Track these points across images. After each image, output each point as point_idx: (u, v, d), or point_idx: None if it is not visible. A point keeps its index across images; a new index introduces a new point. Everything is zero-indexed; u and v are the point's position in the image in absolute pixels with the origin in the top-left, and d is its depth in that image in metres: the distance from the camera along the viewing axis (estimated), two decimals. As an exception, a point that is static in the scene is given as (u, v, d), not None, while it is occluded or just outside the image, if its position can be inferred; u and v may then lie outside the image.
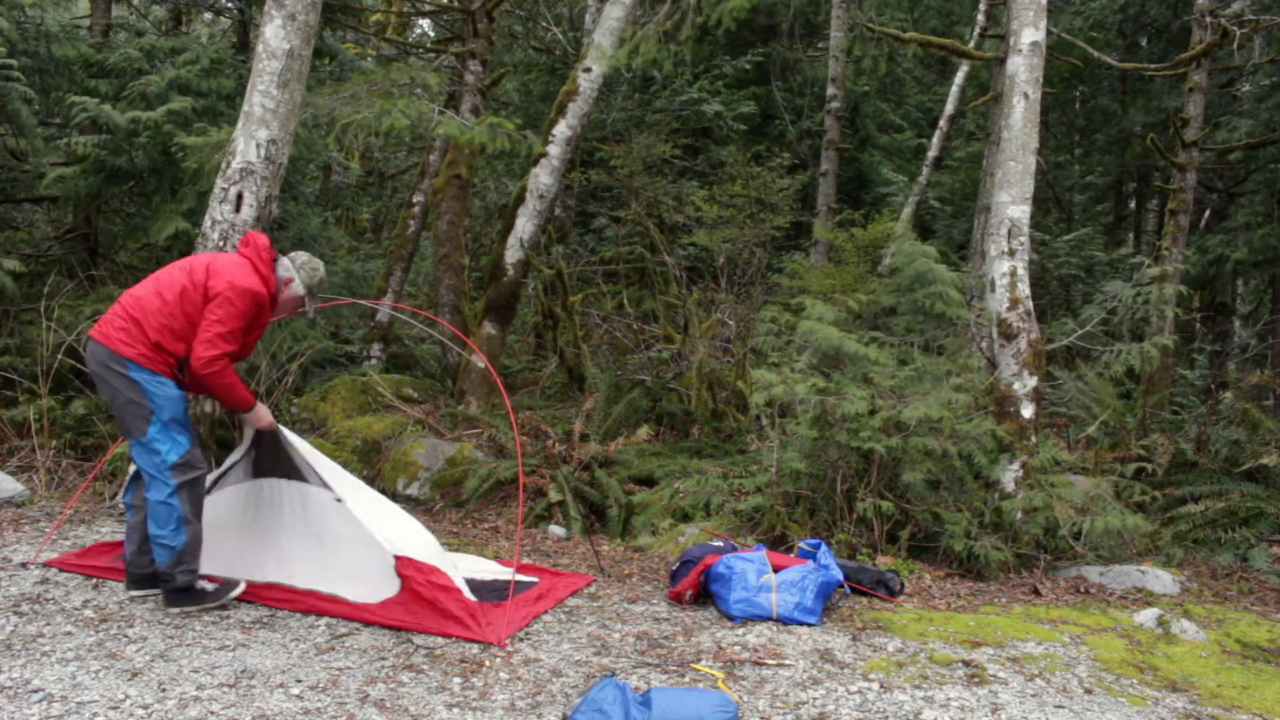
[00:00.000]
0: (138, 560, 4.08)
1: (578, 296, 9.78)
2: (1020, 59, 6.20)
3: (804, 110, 15.09)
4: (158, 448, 3.88)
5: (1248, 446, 6.82)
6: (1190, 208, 10.61)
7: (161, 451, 3.88)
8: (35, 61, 7.63)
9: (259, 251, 4.14)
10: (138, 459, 3.94)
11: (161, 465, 3.88)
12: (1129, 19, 13.22)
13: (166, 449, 3.89)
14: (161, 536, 3.89)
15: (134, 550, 4.08)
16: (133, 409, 3.88)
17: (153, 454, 3.88)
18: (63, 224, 8.28)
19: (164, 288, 3.96)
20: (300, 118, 5.87)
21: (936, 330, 6.71)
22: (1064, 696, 3.61)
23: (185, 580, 3.94)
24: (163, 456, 3.88)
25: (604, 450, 6.90)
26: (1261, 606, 5.20)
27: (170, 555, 3.90)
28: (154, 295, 3.95)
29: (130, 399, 3.87)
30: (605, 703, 3.02)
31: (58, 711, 3.00)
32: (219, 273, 3.97)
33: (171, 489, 3.89)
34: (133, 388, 3.87)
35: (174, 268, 4.06)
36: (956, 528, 5.41)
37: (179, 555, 3.91)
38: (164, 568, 3.92)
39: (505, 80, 12.96)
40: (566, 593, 4.71)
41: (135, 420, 3.88)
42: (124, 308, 3.95)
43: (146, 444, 3.88)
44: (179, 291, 3.94)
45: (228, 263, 4.04)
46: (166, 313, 3.91)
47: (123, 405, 3.88)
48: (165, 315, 3.91)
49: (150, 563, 4.06)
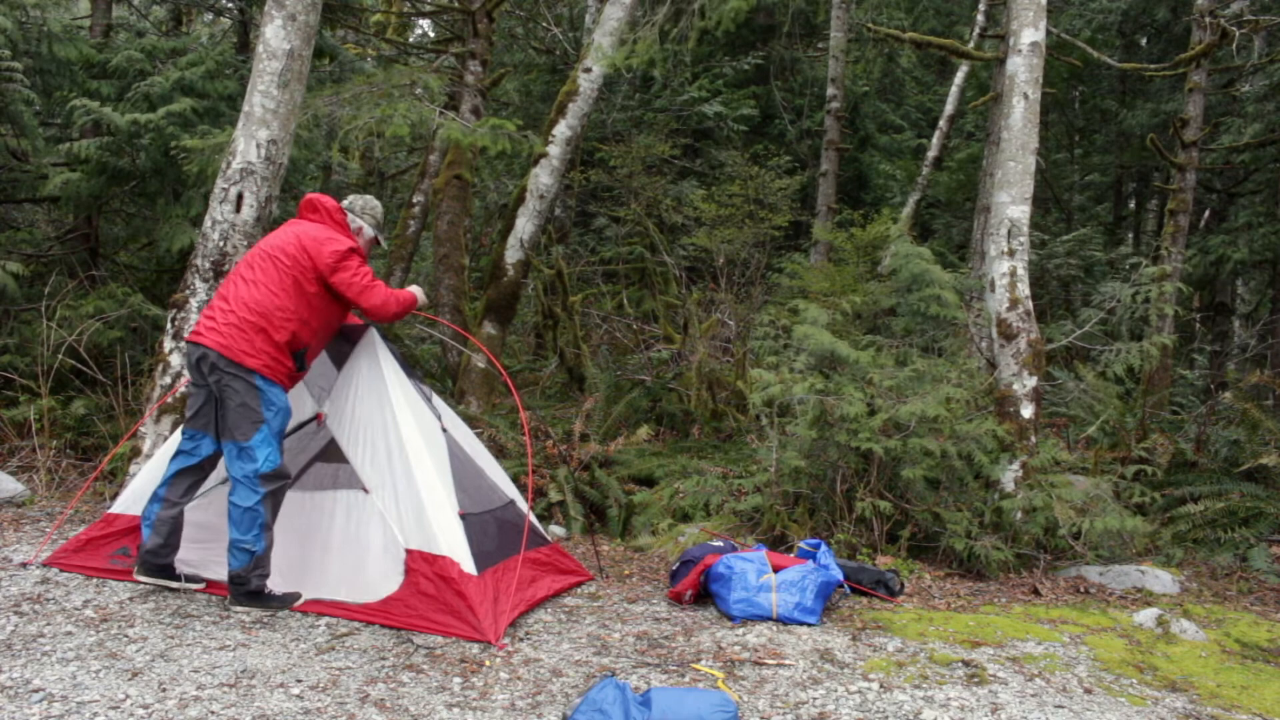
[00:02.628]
0: (159, 551, 4.12)
1: (578, 296, 9.79)
2: (1020, 59, 6.21)
3: (804, 110, 15.10)
4: (256, 455, 3.98)
5: (1247, 446, 6.83)
6: (1190, 208, 10.62)
7: (258, 460, 3.98)
8: (37, 62, 7.64)
9: (332, 214, 4.30)
10: (230, 461, 4.03)
11: (254, 472, 3.98)
12: (1129, 19, 13.22)
13: (263, 458, 3.99)
14: (243, 541, 3.97)
15: (159, 542, 4.10)
16: (246, 412, 3.99)
17: (249, 460, 3.98)
18: (63, 224, 8.29)
19: (275, 286, 4.07)
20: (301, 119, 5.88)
21: (935, 331, 6.71)
22: (1064, 696, 3.61)
23: (258, 585, 4.03)
24: (258, 465, 3.98)
25: (604, 450, 6.90)
26: (1261, 606, 5.21)
27: (249, 560, 3.98)
28: (269, 295, 4.05)
29: (246, 402, 3.99)
30: (605, 703, 3.03)
31: (58, 711, 3.00)
32: (319, 249, 4.11)
33: (260, 496, 3.98)
34: (252, 393, 4.00)
35: (266, 262, 4.12)
36: (956, 527, 5.42)
37: (257, 560, 4.00)
38: (240, 570, 3.99)
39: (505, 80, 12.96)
40: (565, 583, 4.74)
41: (244, 423, 3.98)
42: (238, 314, 4.02)
43: (246, 449, 3.98)
44: (291, 284, 4.07)
45: (316, 234, 4.16)
46: (290, 308, 4.06)
47: (237, 407, 3.98)
48: (290, 312, 4.06)
49: (170, 555, 4.12)
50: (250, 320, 4.01)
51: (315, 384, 4.58)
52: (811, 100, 15.03)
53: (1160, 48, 13.28)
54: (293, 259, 4.10)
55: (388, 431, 4.33)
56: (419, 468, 4.23)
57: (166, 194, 7.32)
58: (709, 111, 13.04)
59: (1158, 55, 12.75)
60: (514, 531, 4.54)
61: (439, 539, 4.07)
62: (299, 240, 4.14)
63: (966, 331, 6.61)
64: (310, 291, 4.12)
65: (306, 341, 4.18)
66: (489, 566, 4.21)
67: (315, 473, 4.75)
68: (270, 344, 4.03)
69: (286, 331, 4.06)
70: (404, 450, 4.26)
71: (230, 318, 4.03)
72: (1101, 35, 12.94)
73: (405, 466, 4.25)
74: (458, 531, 4.13)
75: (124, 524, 4.45)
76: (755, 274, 10.41)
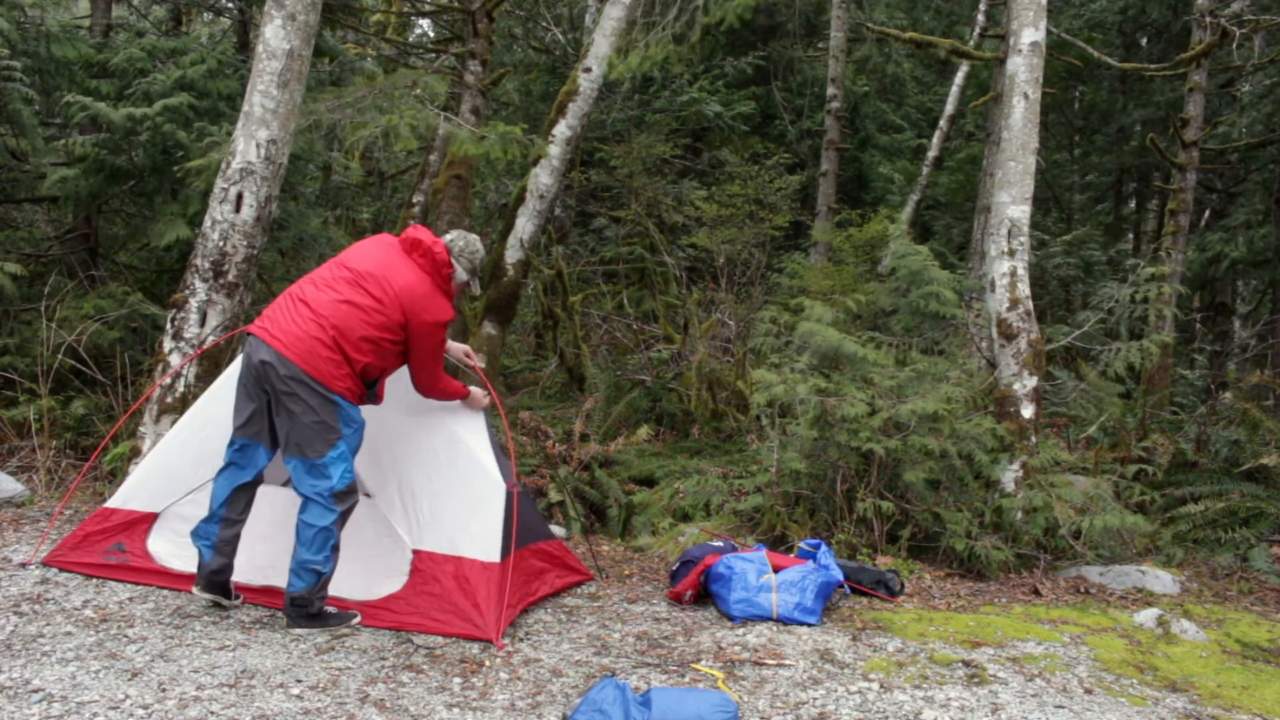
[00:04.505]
0: (222, 569, 3.94)
1: (578, 296, 9.78)
2: (1020, 59, 6.20)
3: (804, 110, 15.09)
4: (330, 473, 3.75)
5: (1248, 446, 6.83)
6: (1190, 207, 10.62)
7: (332, 477, 3.76)
8: (36, 62, 7.63)
9: (439, 267, 3.94)
10: (298, 479, 3.80)
11: (327, 490, 3.75)
12: (1129, 19, 13.22)
13: (338, 476, 3.77)
14: (313, 562, 3.75)
15: (224, 562, 3.92)
16: (320, 429, 3.73)
17: (322, 478, 3.75)
18: (63, 224, 8.28)
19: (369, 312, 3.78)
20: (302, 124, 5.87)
21: (935, 331, 6.71)
22: (1064, 696, 3.61)
23: (320, 607, 3.86)
24: (332, 483, 3.76)
25: (604, 450, 6.90)
26: (1261, 606, 5.20)
27: (316, 580, 3.79)
28: (359, 320, 3.77)
29: (322, 419, 3.73)
30: (605, 703, 3.02)
31: (58, 711, 3.00)
32: (417, 310, 3.82)
33: (335, 516, 3.77)
34: (329, 409, 3.75)
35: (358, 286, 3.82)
36: (957, 528, 5.41)
37: (324, 581, 3.82)
38: (304, 592, 3.79)
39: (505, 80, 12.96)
40: (569, 580, 4.76)
41: (318, 441, 3.73)
42: (325, 331, 3.74)
43: (319, 466, 3.75)
44: (380, 323, 3.80)
45: (417, 290, 3.84)
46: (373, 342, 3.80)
47: (310, 424, 3.72)
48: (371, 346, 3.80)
49: (230, 573, 3.95)
50: (334, 339, 3.74)
51: None
52: (811, 100, 15.02)
53: (1160, 47, 13.29)
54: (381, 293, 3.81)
55: (397, 435, 4.33)
56: (437, 467, 4.25)
57: (164, 192, 7.31)
58: (709, 111, 13.03)
59: (1158, 55, 12.75)
60: (541, 519, 4.57)
61: (457, 540, 4.09)
62: (401, 290, 3.81)
63: (966, 331, 6.61)
64: (383, 326, 3.83)
65: (377, 375, 3.96)
66: (526, 545, 4.29)
67: None
68: (351, 369, 3.79)
69: (365, 357, 3.81)
70: (418, 452, 4.28)
71: (309, 326, 3.74)
72: (1099, 34, 12.94)
73: (419, 469, 4.26)
74: (486, 521, 4.13)
75: (120, 519, 4.45)
76: (755, 274, 10.40)
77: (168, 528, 4.43)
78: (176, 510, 4.45)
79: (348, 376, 3.77)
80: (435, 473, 4.26)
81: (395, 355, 3.94)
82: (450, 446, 4.31)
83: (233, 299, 5.66)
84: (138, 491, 4.51)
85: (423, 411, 4.37)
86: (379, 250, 3.95)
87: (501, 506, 4.16)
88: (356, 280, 3.83)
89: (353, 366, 3.78)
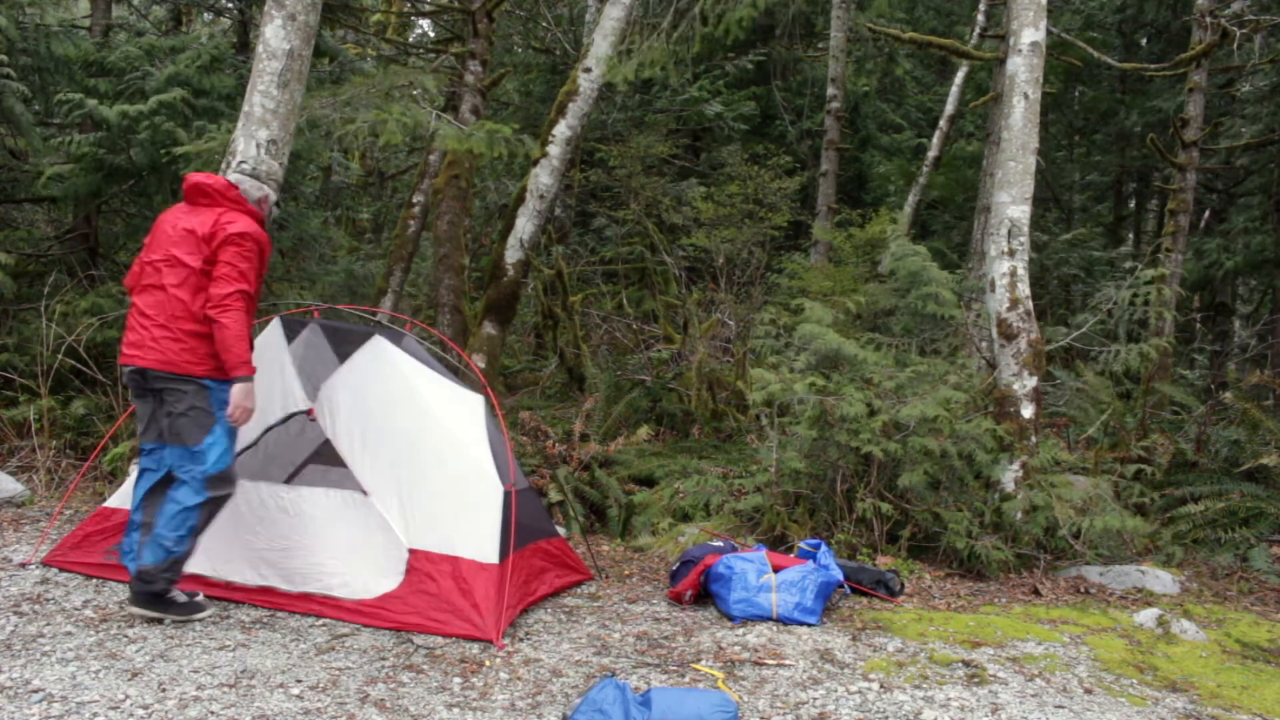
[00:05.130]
0: None
1: (578, 296, 9.78)
2: (1020, 59, 6.20)
3: (804, 110, 15.09)
4: (206, 457, 3.85)
5: (1248, 446, 6.82)
6: (1190, 207, 10.61)
7: (207, 461, 3.85)
8: (35, 60, 7.63)
9: (223, 191, 4.02)
10: (176, 463, 3.89)
11: (200, 474, 3.84)
12: (1129, 19, 13.22)
13: (213, 460, 3.85)
14: (166, 539, 3.79)
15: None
16: (197, 416, 3.84)
17: (198, 462, 3.84)
18: (62, 224, 8.28)
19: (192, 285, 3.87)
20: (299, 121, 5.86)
21: (935, 331, 6.71)
22: (1064, 696, 3.61)
23: (164, 587, 3.85)
24: (206, 466, 3.84)
25: (604, 450, 6.90)
26: (1261, 606, 5.20)
27: (165, 557, 3.80)
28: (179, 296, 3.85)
29: (196, 406, 3.85)
30: (605, 703, 3.02)
31: (58, 711, 3.00)
32: (219, 231, 3.87)
33: (202, 499, 3.84)
34: (201, 395, 3.86)
35: (166, 262, 3.91)
36: (957, 528, 5.41)
37: (173, 562, 3.83)
38: (151, 567, 3.80)
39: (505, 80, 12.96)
40: (569, 579, 4.76)
41: (195, 429, 3.84)
42: (163, 327, 3.84)
43: (197, 452, 3.85)
44: (188, 282, 3.87)
45: (211, 219, 3.92)
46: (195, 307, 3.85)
47: (186, 412, 3.84)
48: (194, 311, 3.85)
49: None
50: (187, 330, 3.85)
51: (309, 377, 4.53)
52: (811, 100, 15.02)
53: (1160, 47, 13.29)
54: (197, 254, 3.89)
55: (395, 435, 4.33)
56: (435, 467, 4.25)
57: (164, 192, 7.31)
58: (709, 111, 13.03)
59: (1158, 55, 12.75)
60: (545, 515, 4.57)
61: (454, 539, 4.09)
62: (207, 238, 3.89)
63: (966, 331, 6.61)
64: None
65: None
66: (526, 544, 4.29)
67: (309, 473, 4.76)
68: (210, 349, 3.86)
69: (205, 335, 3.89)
70: (416, 451, 4.28)
71: (157, 330, 3.85)
72: (1099, 34, 12.94)
73: (417, 468, 4.26)
74: (484, 522, 4.13)
75: (120, 519, 4.45)
76: (755, 274, 10.40)
77: None
78: None
79: (208, 356, 3.86)
80: (433, 472, 4.26)
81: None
82: (448, 446, 4.31)
83: (233, 299, 5.65)
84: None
85: (421, 412, 4.37)
86: (168, 226, 4.00)
87: (499, 507, 4.17)
88: (167, 264, 3.90)
89: (209, 341, 3.86)
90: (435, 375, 4.52)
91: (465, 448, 4.31)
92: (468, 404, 4.50)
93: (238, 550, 4.31)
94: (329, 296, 10.09)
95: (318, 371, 4.54)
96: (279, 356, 4.53)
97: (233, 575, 4.25)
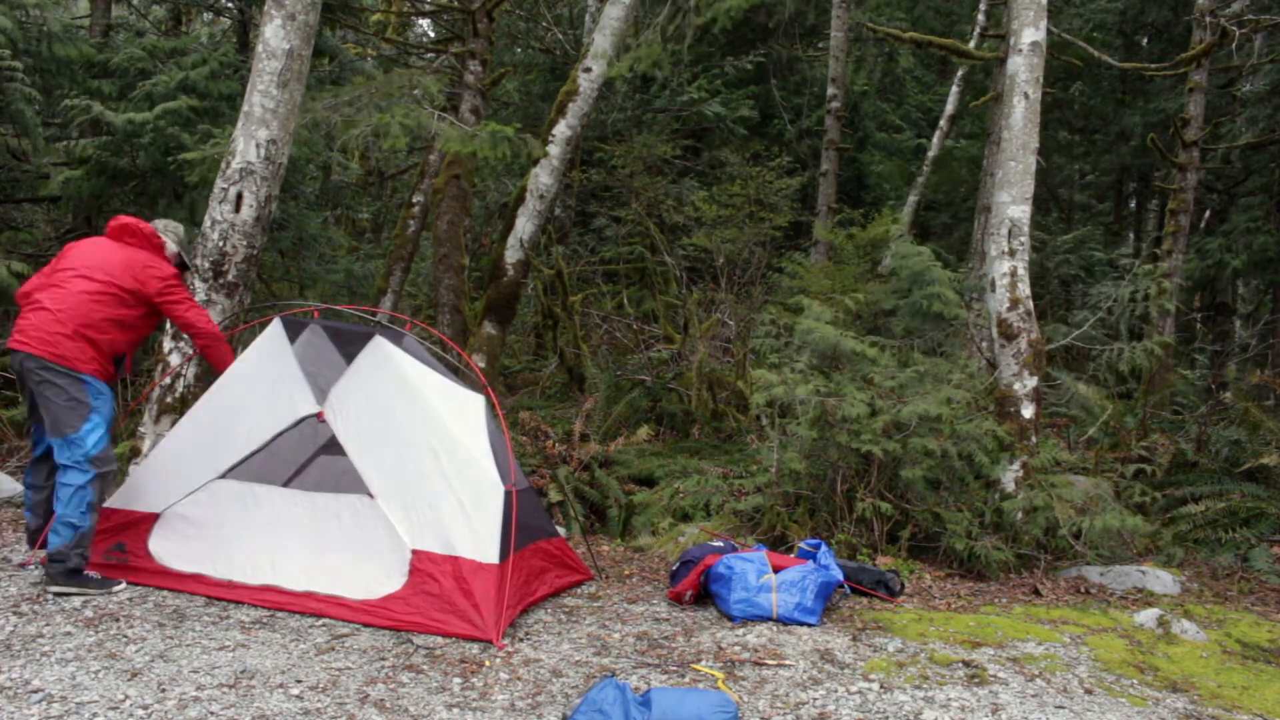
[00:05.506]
0: (40, 529, 4.43)
1: (578, 296, 9.78)
2: (1020, 59, 6.20)
3: (804, 110, 15.09)
4: (85, 441, 4.20)
5: (1248, 446, 6.82)
6: (1190, 207, 10.62)
7: (87, 444, 4.20)
8: (37, 61, 7.64)
9: (148, 237, 4.58)
10: (59, 451, 4.24)
11: (83, 456, 4.19)
12: (1129, 19, 13.22)
13: (92, 443, 4.21)
14: (69, 517, 4.15)
15: (39, 523, 4.46)
16: (74, 406, 4.22)
17: (78, 447, 4.19)
18: (63, 224, 8.28)
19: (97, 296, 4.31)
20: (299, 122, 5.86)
21: (935, 331, 6.71)
22: (1064, 697, 3.60)
23: (77, 563, 4.18)
24: (86, 449, 4.19)
25: (604, 450, 6.90)
26: (1262, 607, 5.20)
27: (72, 536, 4.15)
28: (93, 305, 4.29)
29: (74, 398, 4.22)
30: (605, 703, 3.02)
31: (57, 711, 3.00)
32: (145, 275, 4.42)
33: (89, 477, 4.19)
34: (78, 387, 4.23)
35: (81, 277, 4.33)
36: (957, 528, 5.41)
37: (80, 538, 4.17)
38: (61, 547, 4.14)
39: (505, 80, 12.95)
40: (569, 579, 4.76)
41: (73, 418, 4.21)
42: (63, 325, 4.23)
43: (76, 439, 4.20)
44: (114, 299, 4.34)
45: (138, 259, 4.45)
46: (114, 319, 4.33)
47: (64, 404, 4.21)
48: (113, 323, 4.32)
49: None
50: (78, 330, 4.24)
51: (318, 380, 4.54)
52: (811, 100, 15.02)
53: (1160, 47, 13.28)
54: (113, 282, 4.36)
55: (398, 436, 4.33)
56: (437, 468, 4.25)
57: (168, 194, 7.32)
58: (709, 111, 13.03)
59: (1158, 55, 12.75)
60: (545, 516, 4.58)
61: (455, 540, 4.09)
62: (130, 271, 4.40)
63: (967, 331, 6.61)
64: (124, 311, 4.38)
65: (120, 352, 4.43)
66: (526, 545, 4.30)
67: (319, 468, 4.75)
68: (99, 353, 4.29)
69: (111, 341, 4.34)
70: (418, 452, 4.28)
71: (49, 324, 4.23)
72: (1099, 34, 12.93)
73: (418, 468, 4.26)
74: (484, 522, 4.13)
75: (121, 519, 4.46)
76: (755, 274, 10.40)
77: (169, 528, 4.44)
78: (177, 510, 4.46)
79: (94, 359, 4.28)
80: (434, 472, 4.26)
81: (142, 322, 4.49)
82: (450, 447, 4.31)
83: (232, 299, 5.65)
84: (139, 492, 4.51)
85: (423, 413, 4.37)
86: (91, 247, 4.52)
87: (500, 507, 4.16)
88: (83, 274, 4.36)
89: (99, 349, 4.30)
90: (436, 375, 4.51)
91: (466, 448, 4.31)
92: (468, 404, 4.50)
93: (240, 549, 4.32)
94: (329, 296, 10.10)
95: (325, 373, 4.53)
96: (284, 359, 4.53)
97: (235, 574, 4.25)
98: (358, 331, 4.57)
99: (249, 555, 4.30)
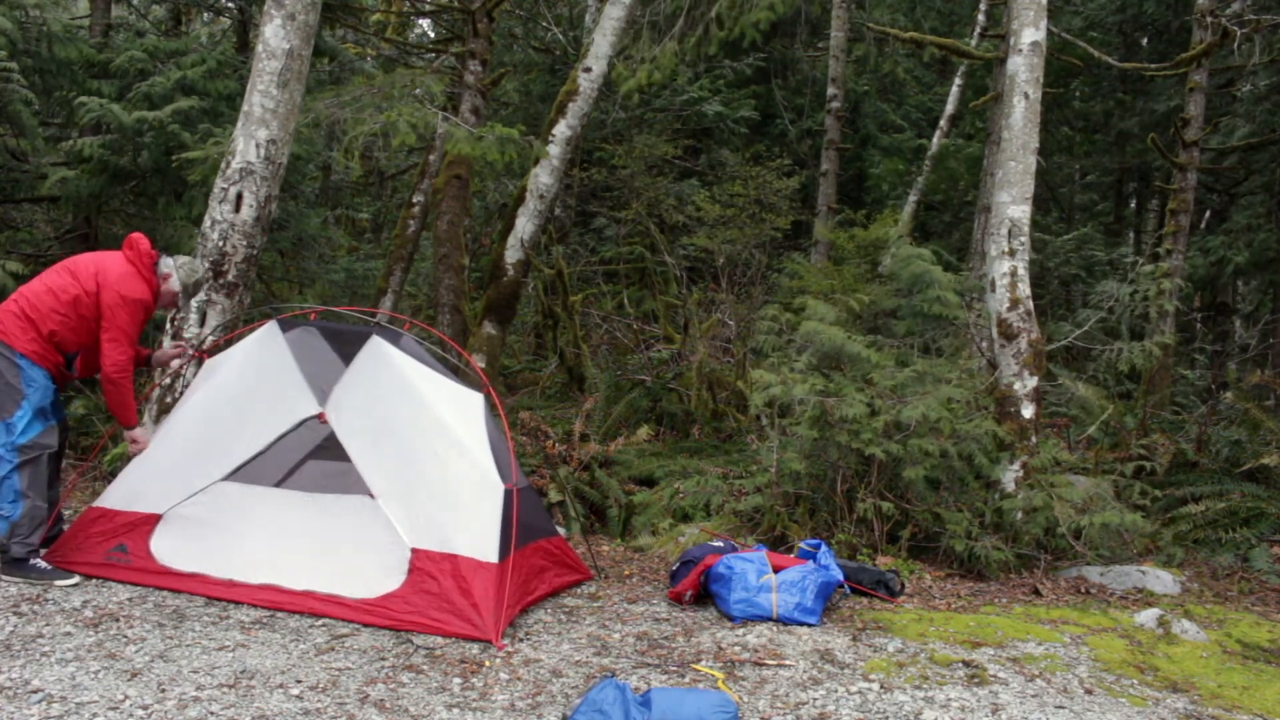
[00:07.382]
0: None
1: (578, 296, 9.78)
2: (1020, 59, 6.20)
3: (804, 110, 15.09)
4: (15, 426, 4.26)
5: (1249, 446, 6.82)
6: (1191, 207, 10.62)
7: (16, 432, 4.25)
8: (37, 62, 7.64)
9: (141, 256, 4.55)
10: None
11: (10, 445, 4.25)
12: (1129, 19, 13.22)
13: (21, 430, 4.27)
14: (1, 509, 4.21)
15: None
16: (7, 391, 4.27)
17: (9, 434, 4.25)
18: (63, 224, 8.28)
19: (57, 289, 4.36)
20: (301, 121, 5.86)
21: (936, 332, 6.71)
22: (1064, 697, 3.60)
23: (20, 552, 4.24)
24: (14, 438, 4.25)
25: (604, 450, 6.89)
26: (1262, 607, 5.20)
27: (5, 527, 4.22)
28: (48, 295, 4.35)
29: (7, 381, 4.27)
30: (605, 703, 3.02)
31: (57, 712, 3.00)
32: (108, 285, 4.38)
33: (12, 465, 4.24)
34: (13, 371, 4.28)
35: (63, 271, 4.42)
36: (957, 528, 5.41)
37: (14, 527, 4.24)
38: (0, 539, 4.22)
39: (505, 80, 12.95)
40: (569, 579, 4.76)
41: (7, 402, 4.27)
42: (18, 304, 4.34)
43: (9, 424, 4.26)
44: (72, 298, 4.35)
45: (116, 272, 4.43)
46: (61, 314, 4.34)
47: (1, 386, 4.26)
48: (60, 316, 4.34)
49: None
50: (26, 313, 4.31)
51: (318, 381, 4.53)
52: (811, 100, 15.02)
53: (1160, 47, 13.28)
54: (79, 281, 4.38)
55: (399, 436, 4.33)
56: (437, 467, 4.25)
57: (168, 194, 7.31)
58: (709, 111, 13.02)
59: (1158, 55, 12.74)
60: (545, 515, 4.59)
61: (454, 538, 4.08)
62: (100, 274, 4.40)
63: (967, 332, 6.61)
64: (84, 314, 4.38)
65: (70, 351, 4.45)
66: (526, 544, 4.29)
67: (314, 470, 4.75)
68: (39, 336, 4.31)
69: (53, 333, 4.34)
70: (418, 451, 4.28)
71: (9, 304, 4.35)
72: (1099, 34, 12.93)
73: (419, 467, 4.26)
74: (484, 521, 4.13)
75: (122, 520, 4.46)
76: (756, 274, 10.40)
77: (172, 528, 4.44)
78: (180, 511, 4.46)
79: (34, 341, 4.31)
80: (434, 471, 4.26)
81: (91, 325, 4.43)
82: (449, 445, 4.31)
83: (232, 299, 5.65)
84: (141, 493, 4.51)
85: (422, 412, 4.37)
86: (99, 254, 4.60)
87: (499, 506, 4.16)
88: (65, 268, 4.45)
89: (39, 330, 4.32)
90: (435, 374, 4.51)
91: (466, 447, 4.31)
92: (468, 403, 4.49)
93: (241, 549, 4.32)
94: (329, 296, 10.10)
95: (324, 374, 4.52)
96: (282, 360, 4.52)
97: (235, 574, 4.25)
98: (355, 332, 4.56)
99: (250, 555, 4.30)
